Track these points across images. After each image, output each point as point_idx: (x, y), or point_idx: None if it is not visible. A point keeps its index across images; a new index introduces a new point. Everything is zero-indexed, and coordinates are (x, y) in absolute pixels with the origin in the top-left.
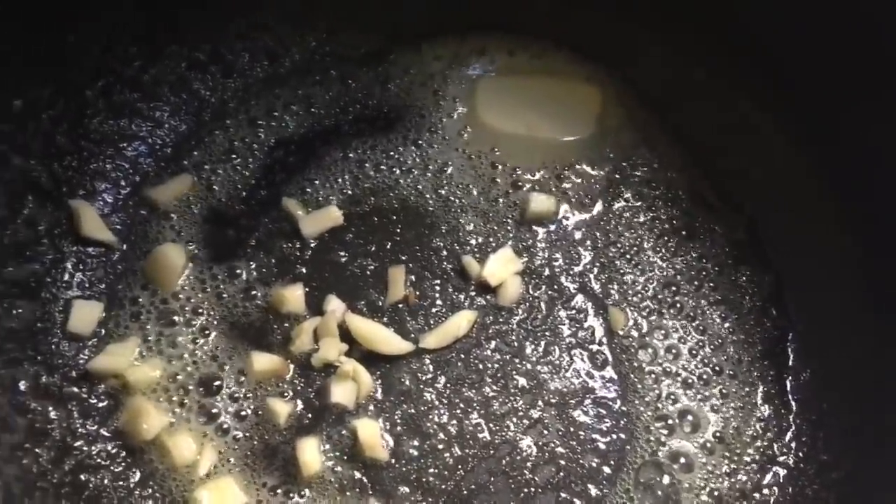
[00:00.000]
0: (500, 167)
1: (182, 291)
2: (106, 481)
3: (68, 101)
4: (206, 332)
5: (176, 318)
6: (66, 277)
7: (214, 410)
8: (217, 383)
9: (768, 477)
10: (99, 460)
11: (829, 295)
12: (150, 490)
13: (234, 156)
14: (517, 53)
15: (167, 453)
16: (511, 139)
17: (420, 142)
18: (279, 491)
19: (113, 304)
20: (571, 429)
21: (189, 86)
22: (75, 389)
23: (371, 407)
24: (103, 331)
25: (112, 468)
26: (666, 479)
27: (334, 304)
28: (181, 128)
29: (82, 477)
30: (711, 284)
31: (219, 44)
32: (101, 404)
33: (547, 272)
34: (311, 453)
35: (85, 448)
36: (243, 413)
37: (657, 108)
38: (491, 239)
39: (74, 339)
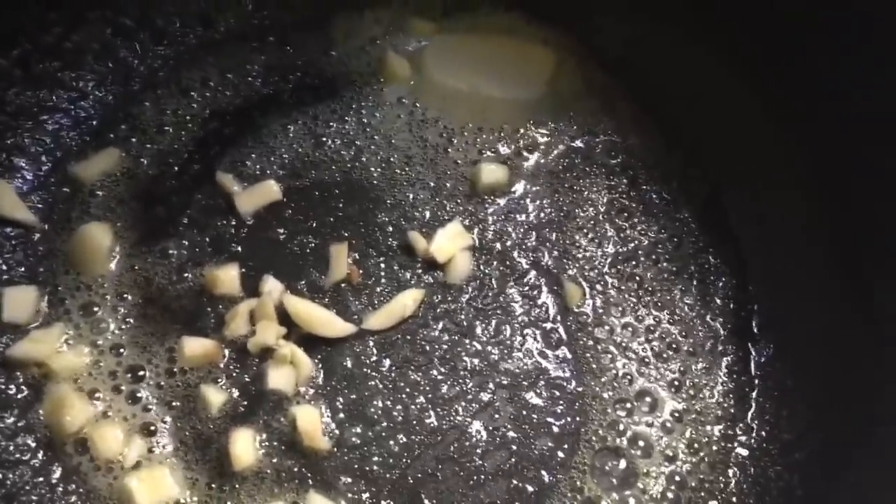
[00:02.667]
0: (449, 137)
1: (109, 274)
2: (26, 477)
3: None
4: (135, 316)
5: (102, 302)
6: None
7: (143, 399)
8: (146, 371)
9: (731, 459)
10: (18, 455)
11: (794, 267)
12: (73, 486)
13: (164, 128)
14: (466, 15)
15: (92, 446)
16: (460, 105)
17: (363, 111)
18: (213, 485)
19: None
20: (524, 412)
21: (115, 54)
22: None
23: (311, 393)
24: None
25: (32, 463)
26: (623, 463)
27: (271, 285)
28: (107, 99)
29: None
30: (671, 258)
31: (147, 8)
32: (20, 395)
33: (498, 247)
34: (244, 445)
35: (2, 443)
36: (174, 402)
37: (617, 72)
38: (439, 213)
39: (11, 331)
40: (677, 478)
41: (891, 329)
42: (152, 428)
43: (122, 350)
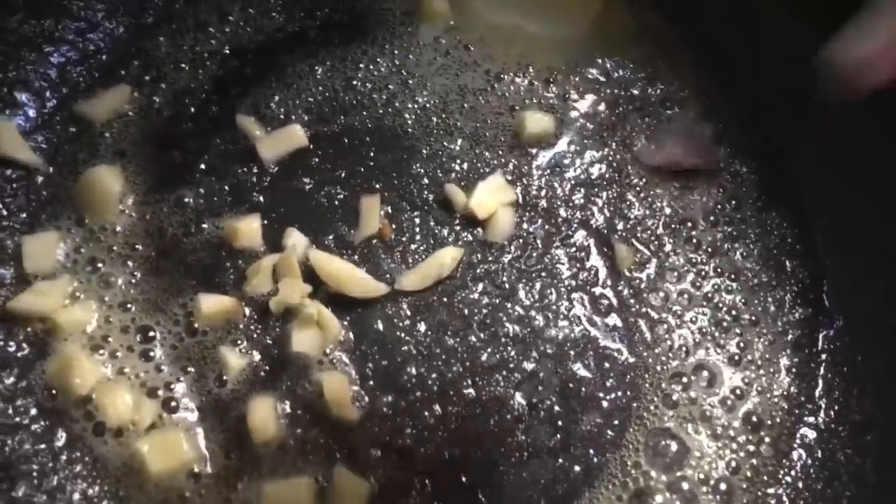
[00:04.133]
0: (490, 81)
1: (118, 222)
2: (26, 444)
3: None
4: (146, 269)
5: (111, 253)
6: None
7: (155, 361)
8: (159, 330)
9: (795, 440)
10: (17, 419)
11: (866, 232)
12: (78, 453)
13: (180, 65)
14: None
15: (100, 410)
16: (502, 45)
17: (396, 52)
18: (232, 456)
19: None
20: (570, 384)
21: None
22: None
23: (339, 358)
24: (20, 269)
25: (33, 428)
26: (676, 444)
27: (296, 238)
28: (118, 31)
29: None
30: (732, 220)
31: None
32: (20, 353)
33: (543, 204)
34: (265, 415)
35: (0, 405)
36: (189, 366)
37: (670, 14)
38: (479, 165)
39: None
40: (735, 461)
41: None
42: (166, 392)
43: (132, 306)
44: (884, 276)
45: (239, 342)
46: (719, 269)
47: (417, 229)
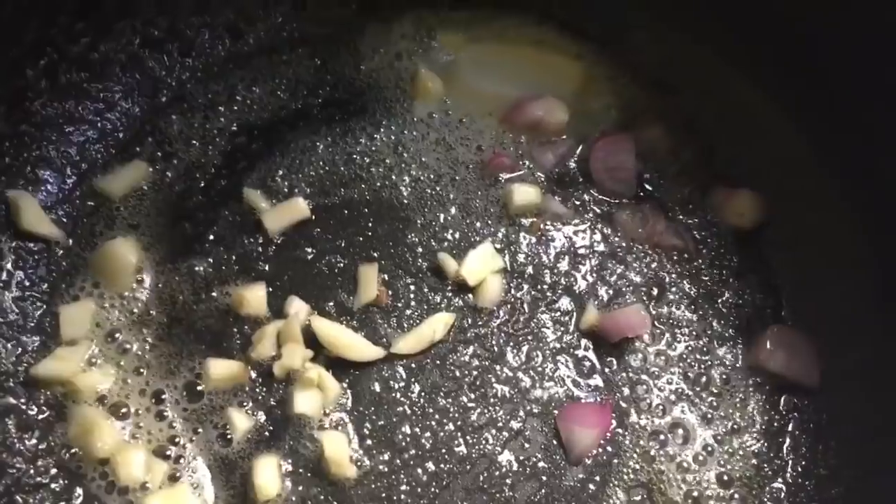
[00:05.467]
0: (479, 154)
1: (133, 291)
2: (47, 503)
3: (6, 81)
4: (160, 335)
5: (126, 320)
6: (5, 276)
7: (167, 422)
8: (170, 393)
9: (765, 494)
10: (38, 479)
11: (830, 297)
12: None
13: (192, 142)
14: (495, 27)
15: (115, 470)
16: (491, 118)
17: (393, 128)
18: None
19: (57, 305)
20: (555, 442)
21: (143, 65)
22: (12, 400)
23: (338, 418)
24: (41, 337)
25: (52, 487)
26: (655, 495)
27: (297, 306)
28: (134, 111)
29: (19, 498)
30: (704, 286)
31: (176, 19)
32: (41, 416)
33: (530, 271)
34: (268, 475)
35: (23, 466)
36: (198, 426)
37: (650, 91)
38: (470, 234)
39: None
40: None
41: None
42: (176, 452)
43: (145, 371)
44: (845, 341)
45: (245, 404)
46: (693, 333)
47: (412, 296)
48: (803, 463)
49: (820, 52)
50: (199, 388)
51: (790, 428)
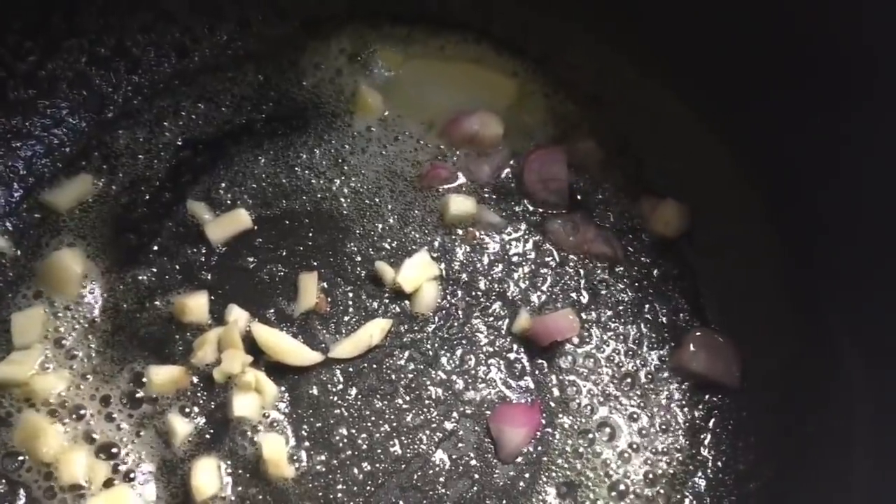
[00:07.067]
0: (417, 166)
1: (79, 300)
2: None
3: None
4: (104, 342)
5: (72, 327)
6: None
7: (110, 426)
8: (114, 397)
9: (687, 489)
10: None
11: (750, 301)
12: None
13: (137, 156)
14: (432, 44)
15: (57, 473)
16: (429, 133)
17: (333, 141)
18: None
19: (5, 314)
20: (487, 441)
21: (90, 82)
22: None
23: (277, 420)
24: None
25: None
26: (582, 492)
27: (237, 313)
28: (81, 126)
29: None
30: (631, 292)
31: (123, 37)
32: None
33: (465, 278)
34: (206, 476)
35: None
36: (141, 429)
37: (584, 107)
38: (407, 243)
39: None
40: None
41: (847, 365)
42: (118, 455)
43: (90, 376)
44: (763, 342)
45: (187, 408)
46: (620, 336)
47: (350, 302)
48: (723, 459)
49: (742, 71)
50: (142, 393)
51: (711, 425)
